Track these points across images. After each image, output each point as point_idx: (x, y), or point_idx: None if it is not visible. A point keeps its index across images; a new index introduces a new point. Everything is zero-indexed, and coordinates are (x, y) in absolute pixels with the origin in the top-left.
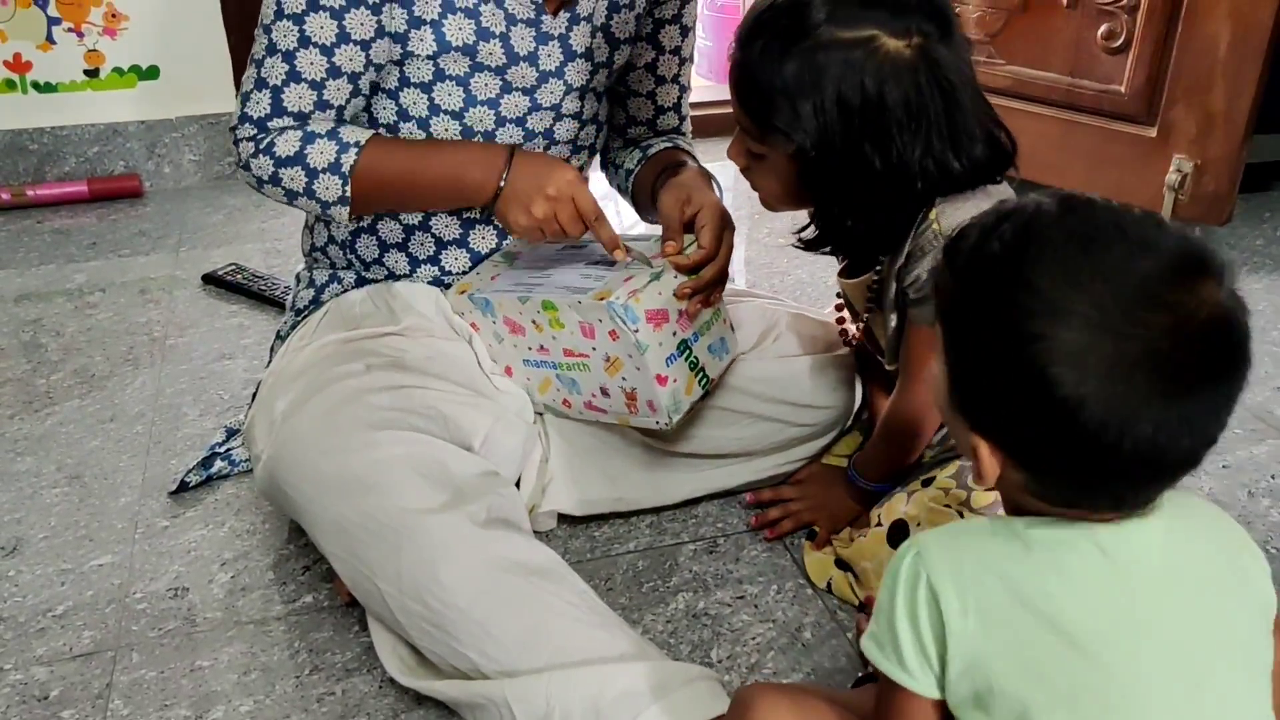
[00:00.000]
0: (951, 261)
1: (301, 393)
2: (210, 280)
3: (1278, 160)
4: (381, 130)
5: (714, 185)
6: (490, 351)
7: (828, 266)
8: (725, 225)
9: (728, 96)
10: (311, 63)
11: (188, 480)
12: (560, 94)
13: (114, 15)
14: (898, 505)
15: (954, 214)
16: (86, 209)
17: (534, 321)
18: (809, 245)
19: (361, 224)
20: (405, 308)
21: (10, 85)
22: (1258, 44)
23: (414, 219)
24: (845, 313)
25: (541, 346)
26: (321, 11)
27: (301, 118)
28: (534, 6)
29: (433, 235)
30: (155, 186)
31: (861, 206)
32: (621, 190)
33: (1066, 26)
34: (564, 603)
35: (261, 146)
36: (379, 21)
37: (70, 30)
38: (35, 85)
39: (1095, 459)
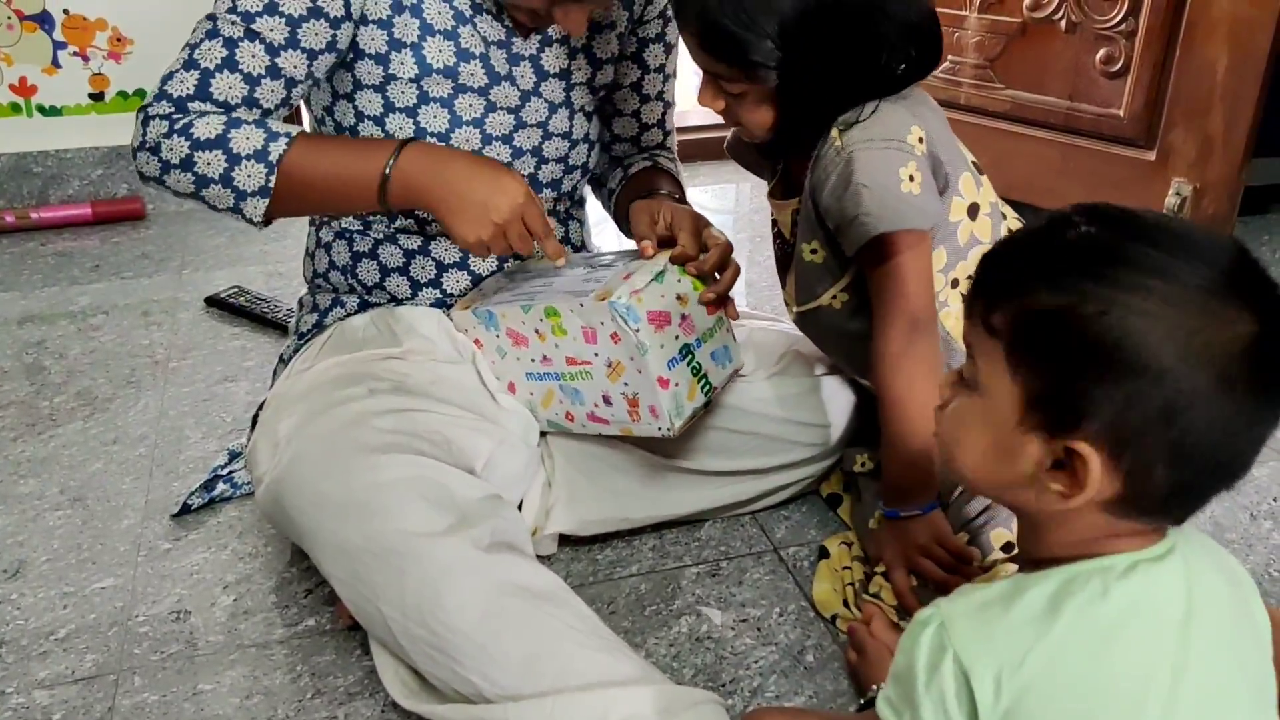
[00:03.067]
0: (1014, 264)
1: (304, 415)
2: (213, 303)
3: (1276, 183)
4: None
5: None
6: (494, 368)
7: None
8: (704, 224)
9: (716, 120)
10: (253, 55)
11: (190, 503)
12: (546, 112)
13: (119, 39)
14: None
15: (860, 127)
16: (90, 231)
17: (537, 331)
18: (768, 152)
19: (363, 249)
20: (408, 331)
21: (15, 109)
22: (1255, 69)
23: (414, 243)
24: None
25: (545, 357)
26: (278, 15)
27: (225, 108)
28: (504, 29)
29: (433, 259)
30: (158, 209)
31: (842, 105)
32: (606, 209)
33: (1065, 51)
34: (567, 626)
35: (177, 127)
36: (333, 35)
37: (75, 54)
38: (40, 109)
39: (1191, 439)
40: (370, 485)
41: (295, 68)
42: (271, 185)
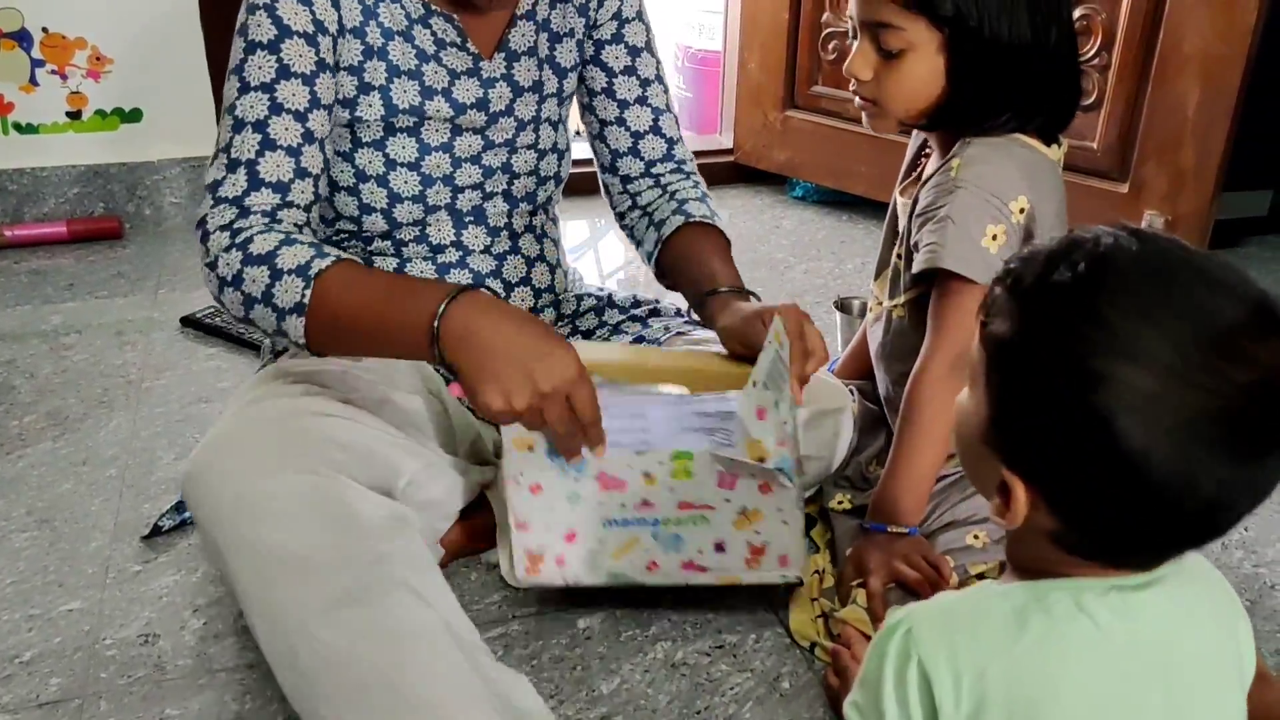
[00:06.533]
0: (1014, 287)
1: (240, 404)
2: (189, 323)
3: (1247, 217)
4: (342, 193)
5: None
6: (542, 513)
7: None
8: (803, 324)
9: (711, 145)
10: (286, 128)
11: (161, 524)
12: (512, 130)
13: (98, 58)
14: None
15: (978, 167)
16: (65, 250)
17: (646, 474)
18: (930, 125)
19: None
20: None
21: None
22: (1226, 104)
23: (389, 265)
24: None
25: (645, 501)
26: (293, 79)
27: (282, 188)
28: (471, 56)
29: None
30: (135, 228)
31: (1005, 93)
32: (643, 256)
33: None
34: (432, 673)
35: (237, 240)
36: (337, 84)
37: (53, 72)
38: (17, 126)
39: (1149, 516)
40: (264, 493)
41: (322, 127)
42: (307, 301)
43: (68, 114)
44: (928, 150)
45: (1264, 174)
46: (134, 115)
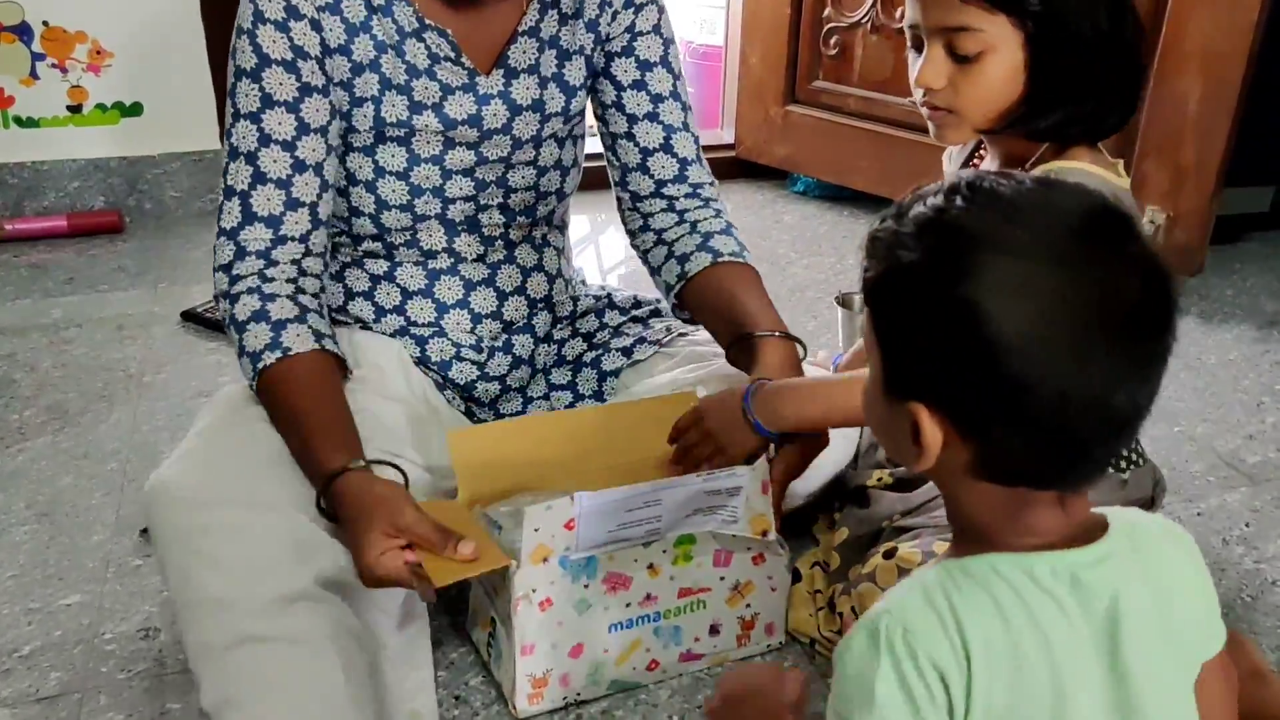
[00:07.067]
0: (874, 240)
1: (212, 417)
2: (189, 317)
3: (1247, 213)
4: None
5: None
6: (545, 634)
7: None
8: None
9: (712, 141)
10: (275, 160)
11: None
12: (508, 147)
13: (99, 52)
14: (869, 597)
15: (1072, 173)
16: (65, 244)
17: (650, 566)
18: (1004, 129)
19: (330, 269)
20: (364, 358)
21: None
22: (1228, 101)
23: (380, 268)
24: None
25: (648, 595)
26: (278, 107)
27: (274, 223)
28: (466, 71)
29: (398, 285)
30: (136, 222)
31: (1086, 98)
32: (659, 286)
33: None
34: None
35: (231, 292)
36: (331, 104)
37: (54, 66)
38: (17, 120)
39: (1035, 409)
40: (200, 527)
41: (315, 152)
42: (254, 386)
43: (68, 108)
44: (974, 163)
45: (1265, 170)
46: (134, 109)
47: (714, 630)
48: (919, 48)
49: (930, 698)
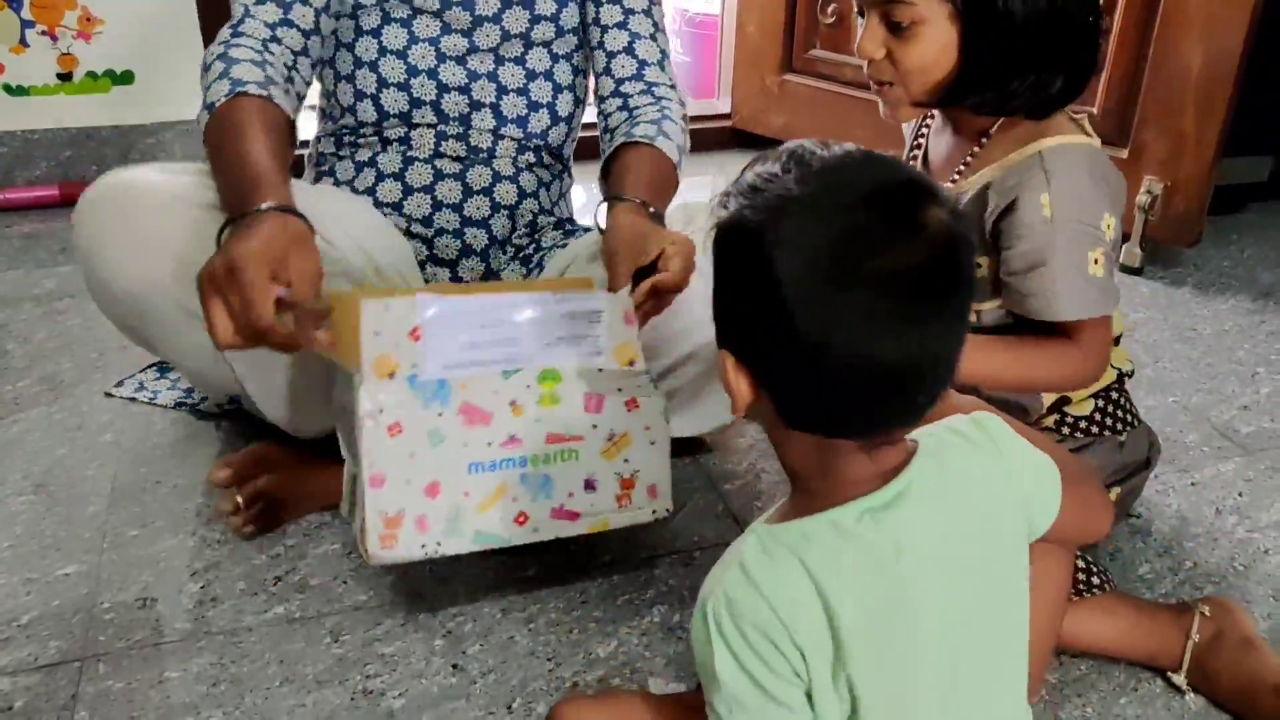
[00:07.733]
0: (725, 194)
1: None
2: None
3: (1246, 183)
4: (343, 81)
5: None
6: (396, 467)
7: None
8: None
9: (708, 110)
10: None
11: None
12: (498, 37)
13: (89, 19)
14: None
15: (1068, 202)
16: (57, 213)
17: (513, 403)
18: (945, 101)
19: (326, 150)
20: (333, 219)
21: None
22: (1228, 69)
23: (364, 156)
24: None
25: (511, 437)
26: None
27: (271, 27)
28: None
29: (376, 168)
30: None
31: (1023, 67)
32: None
33: None
34: None
35: (221, 41)
36: None
37: (44, 33)
38: (6, 88)
39: (806, 358)
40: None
41: (304, 19)
42: (203, 127)
43: (58, 75)
44: (923, 131)
45: (1265, 140)
46: (126, 77)
47: (590, 486)
48: (863, 17)
49: (768, 669)
